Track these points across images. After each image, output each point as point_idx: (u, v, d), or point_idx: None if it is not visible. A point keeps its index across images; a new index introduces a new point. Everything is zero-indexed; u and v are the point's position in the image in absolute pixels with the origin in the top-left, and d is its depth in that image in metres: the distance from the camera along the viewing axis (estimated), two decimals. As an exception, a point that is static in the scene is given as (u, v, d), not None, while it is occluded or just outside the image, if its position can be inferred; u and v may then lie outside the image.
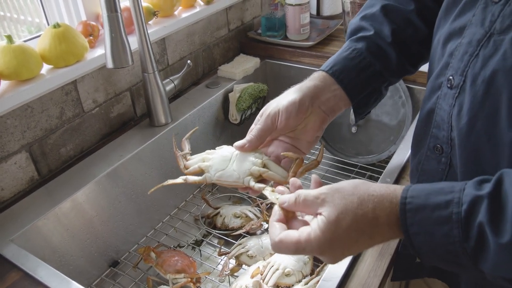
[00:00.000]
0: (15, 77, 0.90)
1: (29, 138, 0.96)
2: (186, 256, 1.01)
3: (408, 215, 0.51)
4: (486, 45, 0.56)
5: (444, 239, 0.49)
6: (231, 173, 0.70)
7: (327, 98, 0.75)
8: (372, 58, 0.77)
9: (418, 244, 0.51)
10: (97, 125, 1.10)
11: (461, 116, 0.59)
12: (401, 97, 1.22)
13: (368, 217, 0.52)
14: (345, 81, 0.75)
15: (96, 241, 1.01)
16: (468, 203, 0.48)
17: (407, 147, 0.98)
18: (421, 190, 0.52)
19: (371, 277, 0.71)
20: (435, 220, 0.49)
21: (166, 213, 1.20)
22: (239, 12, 1.50)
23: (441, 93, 0.64)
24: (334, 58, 0.79)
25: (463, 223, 0.48)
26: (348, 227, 0.53)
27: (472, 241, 0.48)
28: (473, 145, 0.58)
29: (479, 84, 0.56)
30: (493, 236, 0.46)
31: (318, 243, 0.53)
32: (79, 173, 1.02)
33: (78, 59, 0.99)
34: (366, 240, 0.53)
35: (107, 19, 0.79)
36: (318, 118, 0.75)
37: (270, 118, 0.71)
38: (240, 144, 0.72)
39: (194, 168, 0.74)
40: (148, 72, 1.08)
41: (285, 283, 0.91)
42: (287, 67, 1.45)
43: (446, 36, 0.65)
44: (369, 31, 0.79)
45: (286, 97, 0.73)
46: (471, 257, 0.48)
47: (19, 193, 0.96)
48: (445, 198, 0.50)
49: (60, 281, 0.75)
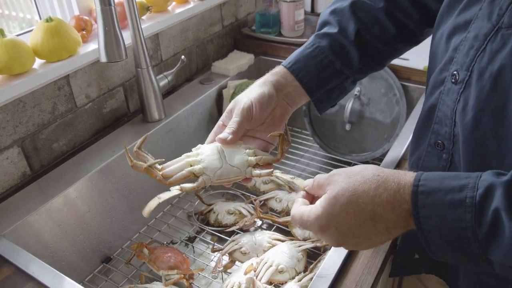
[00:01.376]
0: (7, 71, 0.89)
1: (21, 133, 0.95)
2: (179, 253, 1.01)
3: (420, 197, 0.50)
4: (493, 40, 0.56)
5: (456, 224, 0.48)
6: (230, 169, 0.70)
7: (289, 91, 0.79)
8: (333, 57, 0.80)
9: (427, 228, 0.50)
10: (89, 120, 1.09)
11: (466, 111, 0.59)
12: (395, 95, 1.22)
13: (369, 194, 0.53)
14: (305, 79, 0.79)
15: (89, 237, 1.01)
16: (484, 188, 0.48)
17: (401, 144, 0.98)
18: (436, 175, 0.52)
19: (365, 274, 0.71)
20: (448, 204, 0.49)
21: (159, 209, 1.19)
22: (233, 8, 1.50)
23: (444, 89, 0.64)
24: (297, 54, 0.82)
25: (477, 208, 0.47)
26: (347, 202, 0.53)
27: (485, 227, 0.47)
28: (478, 141, 0.58)
29: (486, 79, 0.56)
30: (509, 221, 0.45)
31: (316, 217, 0.55)
32: (71, 168, 1.01)
33: (70, 54, 0.98)
34: (367, 221, 0.53)
35: (101, 12, 0.79)
36: (283, 108, 0.78)
37: (245, 110, 0.73)
38: (223, 136, 0.72)
39: (183, 175, 0.69)
40: (142, 68, 1.07)
41: (278, 280, 0.91)
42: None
43: (450, 31, 0.65)
44: (334, 28, 0.81)
45: (254, 91, 0.76)
46: (482, 244, 0.48)
47: (10, 188, 0.95)
48: (460, 183, 0.50)
49: (52, 276, 0.75)
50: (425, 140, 0.69)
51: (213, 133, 0.78)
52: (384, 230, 0.54)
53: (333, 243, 0.57)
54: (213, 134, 0.77)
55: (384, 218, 0.53)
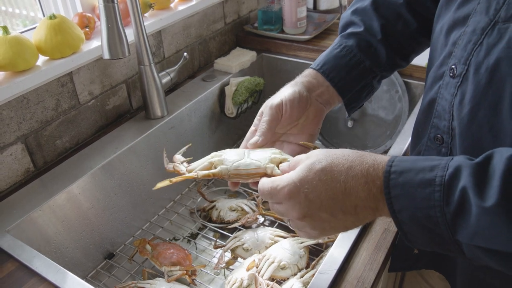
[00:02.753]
0: (11, 68, 0.89)
1: (25, 130, 0.95)
2: (181, 249, 1.01)
3: (392, 177, 0.51)
4: (490, 33, 0.56)
5: (425, 203, 0.49)
6: (250, 162, 0.67)
7: (321, 91, 0.77)
8: (362, 55, 0.79)
9: (398, 209, 0.51)
10: (93, 117, 1.10)
11: (463, 105, 0.59)
12: (397, 92, 1.22)
13: (345, 165, 0.54)
14: (336, 79, 0.78)
15: (92, 233, 1.01)
16: (454, 168, 0.48)
17: (403, 141, 0.98)
18: (410, 157, 0.53)
19: (366, 271, 0.71)
20: (418, 183, 0.49)
21: (161, 206, 1.20)
22: (236, 6, 1.50)
23: (443, 83, 0.64)
24: (325, 55, 0.81)
25: (445, 187, 0.48)
26: (322, 169, 0.54)
27: (452, 205, 0.48)
28: (474, 135, 0.59)
29: (483, 73, 0.56)
30: (476, 199, 0.46)
31: (288, 181, 0.55)
32: (74, 165, 1.01)
33: (74, 51, 0.98)
34: (338, 193, 0.53)
35: (104, 9, 0.79)
36: (317, 109, 0.77)
37: (274, 109, 0.72)
38: (254, 141, 0.71)
39: (204, 166, 0.69)
40: (144, 65, 1.07)
41: (280, 276, 0.91)
42: (283, 61, 1.45)
43: (449, 25, 0.65)
44: (359, 27, 0.80)
45: (285, 90, 0.75)
46: (449, 224, 0.48)
47: (14, 185, 0.96)
48: (432, 163, 0.50)
49: (55, 271, 0.75)
50: (425, 134, 0.70)
51: (245, 140, 0.76)
52: (352, 208, 0.54)
53: (297, 213, 0.56)
54: (245, 141, 0.75)
55: (355, 192, 0.53)
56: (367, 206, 0.54)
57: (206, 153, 1.31)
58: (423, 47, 0.86)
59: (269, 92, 0.80)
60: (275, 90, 0.77)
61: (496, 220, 0.45)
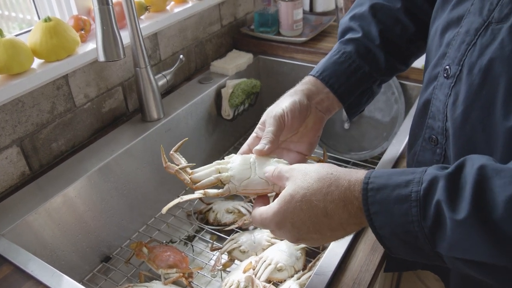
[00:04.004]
0: (6, 71, 0.89)
1: (20, 133, 0.95)
2: (178, 251, 1.01)
3: (369, 194, 0.52)
4: (483, 34, 0.56)
5: (403, 218, 0.49)
6: (258, 181, 0.67)
7: (321, 99, 0.78)
8: (361, 61, 0.79)
9: (379, 225, 0.52)
10: (88, 120, 1.10)
11: (457, 105, 0.60)
12: (394, 94, 1.23)
13: (322, 192, 0.55)
14: (335, 86, 0.78)
15: (88, 236, 1.01)
16: (428, 182, 0.49)
17: (400, 142, 0.98)
18: (384, 172, 0.53)
19: (363, 272, 0.71)
20: (395, 199, 0.50)
21: (158, 208, 1.19)
22: (232, 8, 1.50)
23: (437, 83, 0.65)
24: (324, 62, 0.81)
25: (421, 202, 0.48)
26: (301, 199, 0.56)
27: (429, 220, 0.48)
28: (468, 135, 0.59)
29: (476, 73, 0.57)
30: (450, 212, 0.46)
31: (273, 214, 0.58)
32: (70, 168, 1.01)
33: (69, 54, 0.98)
34: (320, 217, 0.55)
35: (99, 12, 0.79)
36: (317, 117, 0.77)
37: (277, 119, 0.72)
38: (260, 147, 0.71)
39: (210, 181, 0.69)
40: (140, 67, 1.07)
41: (277, 278, 0.91)
42: (280, 63, 1.45)
43: (443, 26, 0.65)
44: (357, 33, 0.81)
45: (285, 100, 0.75)
46: (428, 238, 0.48)
47: (10, 188, 0.96)
48: (406, 178, 0.51)
49: (51, 275, 0.75)
50: (421, 135, 0.70)
51: (246, 144, 0.76)
52: (338, 226, 0.55)
53: (291, 238, 0.60)
54: (246, 145, 0.76)
55: (337, 215, 0.54)
56: (351, 223, 0.55)
57: (203, 155, 1.32)
58: (421, 50, 0.86)
59: (266, 94, 0.80)
60: (272, 92, 0.77)
61: (469, 232, 0.45)
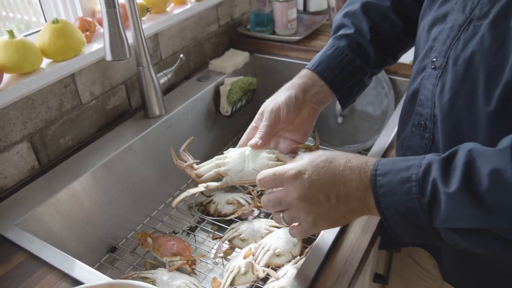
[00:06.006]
0: (17, 70, 0.94)
1: (30, 129, 1.00)
2: (181, 241, 1.06)
3: (378, 179, 0.59)
4: (466, 29, 0.62)
5: (405, 196, 0.56)
6: (251, 172, 0.76)
7: (316, 91, 0.84)
8: (353, 55, 0.86)
9: (385, 205, 0.58)
10: (94, 116, 1.15)
11: (444, 94, 0.66)
12: (384, 88, 1.28)
13: (343, 159, 0.63)
14: (329, 78, 0.84)
15: (95, 228, 1.06)
16: (426, 165, 0.56)
17: (388, 133, 1.04)
18: (390, 160, 0.60)
19: (354, 251, 0.77)
20: (398, 181, 0.57)
21: (161, 201, 1.24)
22: (229, 8, 1.55)
23: (425, 74, 0.71)
24: (319, 56, 0.87)
25: (420, 181, 0.56)
26: (326, 159, 0.63)
27: (427, 196, 0.55)
28: (454, 120, 0.65)
29: (460, 65, 0.62)
30: (443, 187, 0.53)
31: (296, 164, 0.64)
32: (77, 163, 1.06)
33: (76, 53, 1.03)
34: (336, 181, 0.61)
35: (106, 14, 0.84)
36: (311, 109, 0.83)
37: (273, 113, 0.79)
38: (254, 142, 0.78)
39: (210, 175, 0.78)
40: (143, 66, 1.13)
41: (275, 263, 0.96)
42: (275, 61, 1.50)
43: (431, 23, 0.71)
44: (350, 29, 0.87)
45: (282, 94, 0.81)
46: (426, 213, 0.55)
47: (20, 182, 1.01)
48: (408, 164, 0.58)
49: (64, 260, 0.80)
50: (410, 121, 0.76)
51: (245, 135, 0.84)
52: (345, 196, 0.61)
53: (298, 193, 0.63)
54: (246, 136, 0.83)
55: (349, 182, 0.61)
56: (357, 197, 0.61)
57: (203, 150, 1.37)
58: (409, 45, 0.92)
59: (262, 91, 0.86)
60: (268, 89, 0.83)
61: (460, 203, 0.52)
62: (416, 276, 0.97)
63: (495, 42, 0.58)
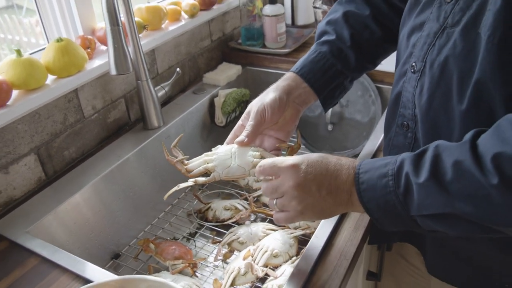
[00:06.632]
0: (24, 86, 0.99)
1: (37, 142, 1.05)
2: (182, 245, 1.11)
3: (360, 176, 0.66)
4: (440, 36, 0.69)
5: (384, 190, 0.63)
6: (237, 168, 0.82)
7: (299, 93, 0.91)
8: (334, 60, 0.93)
9: (366, 200, 0.65)
10: (96, 129, 1.20)
11: (422, 95, 0.72)
12: (371, 96, 1.35)
13: (334, 157, 0.70)
14: (312, 80, 0.91)
15: (99, 235, 1.10)
16: (400, 161, 0.63)
17: (376, 138, 1.10)
18: (371, 160, 0.68)
19: (348, 246, 0.83)
20: (377, 177, 0.64)
21: (161, 209, 1.29)
22: (220, 24, 1.62)
23: (406, 78, 0.78)
24: (303, 60, 0.95)
25: (395, 176, 0.63)
26: (320, 155, 0.70)
27: (401, 188, 0.62)
28: (432, 119, 0.72)
29: (436, 68, 0.69)
30: (414, 178, 0.60)
31: (295, 157, 0.71)
32: (81, 173, 1.10)
33: (79, 70, 1.09)
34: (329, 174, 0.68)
35: (110, 32, 0.90)
36: (294, 110, 0.90)
37: (259, 113, 0.85)
38: (240, 140, 0.85)
39: (199, 170, 0.84)
40: (142, 80, 1.19)
41: (273, 263, 1.00)
42: (266, 73, 1.57)
43: (409, 31, 0.78)
44: (332, 36, 0.94)
45: (267, 95, 0.88)
46: (402, 203, 0.62)
47: (28, 192, 1.05)
48: (385, 161, 0.65)
49: (75, 263, 0.84)
50: (394, 123, 0.83)
51: (233, 132, 0.90)
52: (334, 189, 0.68)
53: (293, 181, 0.69)
54: (233, 133, 0.90)
55: (340, 176, 0.68)
56: (344, 190, 0.68)
57: (199, 159, 1.41)
58: (387, 52, 0.99)
59: (255, 102, 0.94)
60: (260, 100, 0.89)
61: (429, 192, 0.59)
62: (406, 273, 1.03)
63: (466, 47, 0.64)
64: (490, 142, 0.57)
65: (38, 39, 2.29)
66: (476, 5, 0.63)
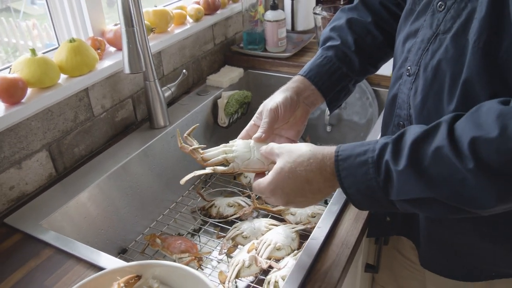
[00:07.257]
0: (39, 84, 1.04)
1: (49, 139, 1.09)
2: (188, 240, 1.14)
3: (340, 163, 0.70)
4: (434, 42, 0.74)
5: (364, 177, 0.67)
6: (256, 162, 0.86)
7: (308, 95, 0.95)
8: (339, 63, 0.97)
9: (347, 186, 0.69)
10: (104, 128, 1.24)
11: (416, 96, 0.77)
12: (368, 98, 1.40)
13: (304, 164, 0.72)
14: (319, 83, 0.96)
15: (107, 231, 1.13)
16: (379, 149, 0.67)
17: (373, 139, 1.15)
18: (349, 146, 0.71)
19: (349, 236, 0.87)
20: (357, 164, 0.68)
21: (165, 207, 1.32)
22: (223, 28, 1.67)
23: (402, 81, 0.82)
24: (310, 64, 0.99)
25: (375, 163, 0.67)
26: (288, 171, 0.73)
27: (382, 175, 0.66)
28: (425, 119, 0.76)
29: (429, 71, 0.74)
30: (394, 166, 0.64)
31: (268, 183, 0.75)
32: (89, 170, 1.14)
33: (90, 69, 1.13)
34: (304, 183, 0.73)
35: (125, 33, 0.95)
36: (303, 110, 0.95)
37: (273, 111, 0.89)
38: (258, 136, 0.89)
39: (218, 159, 0.87)
40: (150, 80, 1.23)
41: (276, 256, 1.04)
42: (267, 76, 1.62)
43: (405, 37, 0.83)
44: (336, 41, 0.99)
45: (279, 95, 0.92)
46: (383, 189, 0.66)
47: (40, 187, 1.09)
48: (364, 148, 0.69)
49: (90, 252, 0.88)
50: (391, 123, 0.87)
51: (245, 130, 0.94)
52: (317, 190, 0.73)
53: (282, 202, 0.76)
54: (245, 131, 0.94)
55: (316, 180, 0.72)
56: (326, 186, 0.73)
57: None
58: (388, 56, 1.04)
59: (256, 104, 0.97)
60: (262, 102, 0.94)
61: (407, 178, 0.63)
62: (402, 267, 1.08)
63: (456, 51, 0.69)
64: (467, 126, 0.60)
65: (35, 42, 2.33)
66: (465, 13, 0.68)
